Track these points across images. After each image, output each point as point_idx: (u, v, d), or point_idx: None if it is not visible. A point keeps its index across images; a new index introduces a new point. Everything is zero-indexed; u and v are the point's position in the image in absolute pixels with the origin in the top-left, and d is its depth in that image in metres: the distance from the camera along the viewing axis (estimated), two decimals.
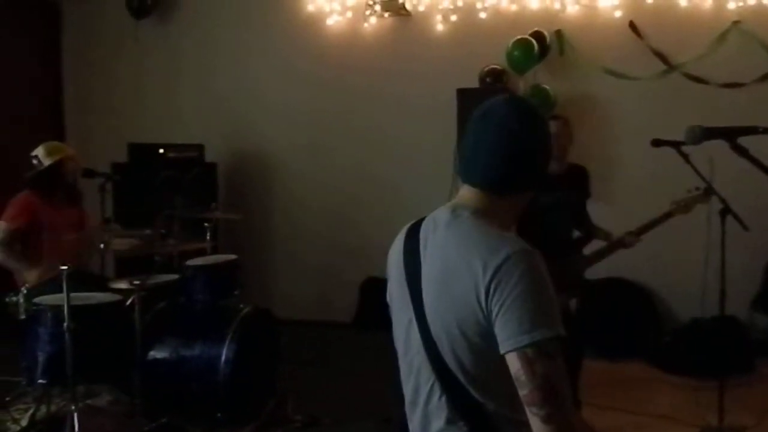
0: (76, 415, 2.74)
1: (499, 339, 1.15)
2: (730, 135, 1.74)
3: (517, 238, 1.22)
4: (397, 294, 1.37)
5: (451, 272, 1.22)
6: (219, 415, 2.99)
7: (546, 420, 1.11)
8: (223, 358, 3.01)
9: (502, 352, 1.14)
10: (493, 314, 1.15)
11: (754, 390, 3.59)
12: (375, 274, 4.95)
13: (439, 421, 1.27)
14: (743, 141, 1.77)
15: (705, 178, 2.70)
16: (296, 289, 5.11)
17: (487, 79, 4.57)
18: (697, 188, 2.84)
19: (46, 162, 3.36)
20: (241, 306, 3.28)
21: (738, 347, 3.81)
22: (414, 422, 1.35)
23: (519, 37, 4.42)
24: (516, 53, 4.42)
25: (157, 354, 3.11)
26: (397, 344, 1.41)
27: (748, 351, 3.93)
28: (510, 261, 1.15)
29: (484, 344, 1.17)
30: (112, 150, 4.83)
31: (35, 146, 3.45)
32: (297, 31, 5.02)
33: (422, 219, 1.39)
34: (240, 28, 5.14)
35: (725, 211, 2.84)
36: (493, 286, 1.15)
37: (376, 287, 4.95)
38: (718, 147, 1.84)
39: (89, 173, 3.50)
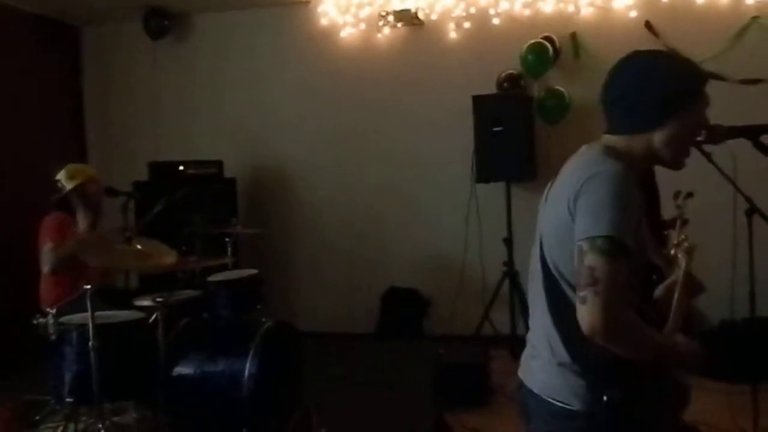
0: None
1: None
2: (752, 133, 1.70)
3: (620, 164, 1.37)
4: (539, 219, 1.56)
5: (561, 188, 1.43)
6: (244, 430, 2.99)
7: (582, 301, 1.27)
8: (247, 373, 3.02)
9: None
10: (576, 217, 1.34)
11: None
12: (396, 285, 4.95)
13: (542, 314, 1.46)
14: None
15: (728, 177, 2.64)
16: (317, 301, 5.12)
17: (505, 85, 4.56)
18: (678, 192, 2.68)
19: (69, 185, 3.42)
20: (264, 320, 3.28)
21: None
22: (529, 324, 1.59)
23: (533, 41, 4.41)
24: (530, 57, 4.41)
25: (181, 370, 3.12)
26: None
27: None
28: (598, 175, 1.34)
29: (571, 244, 1.34)
30: (133, 169, 4.91)
31: (59, 168, 3.52)
32: (311, 46, 5.06)
33: None
34: (254, 45, 5.20)
35: (751, 210, 2.77)
36: (580, 194, 1.34)
37: (397, 298, 4.95)
38: (741, 145, 1.80)
39: (111, 192, 3.55)
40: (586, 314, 1.26)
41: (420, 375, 3.71)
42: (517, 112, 4.37)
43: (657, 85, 1.42)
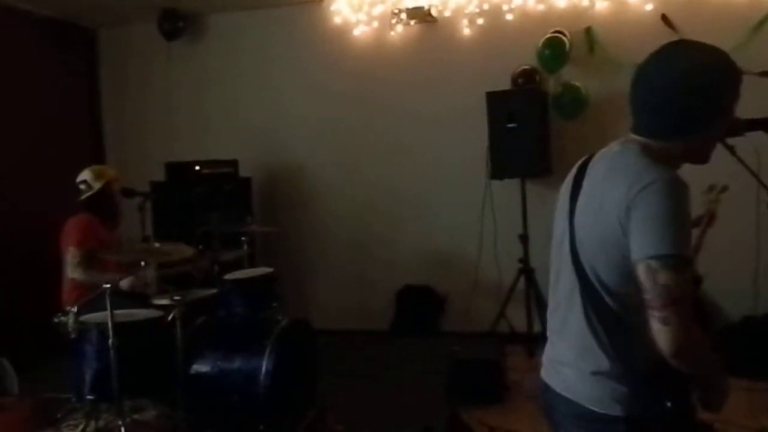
0: (123, 429, 2.81)
1: (631, 249, 1.30)
2: None
3: (668, 170, 1.33)
4: (559, 214, 1.52)
5: (601, 192, 1.38)
6: (261, 427, 3.01)
7: (663, 321, 1.26)
8: (263, 370, 3.04)
9: (632, 259, 1.30)
10: (630, 229, 1.30)
11: None
12: (411, 282, 4.95)
13: (576, 323, 1.42)
14: None
15: (752, 170, 2.60)
16: (332, 299, 5.13)
17: (520, 80, 4.53)
18: (712, 186, 2.61)
19: (96, 185, 3.48)
20: (279, 318, 3.30)
21: None
22: (552, 326, 1.54)
23: (548, 35, 4.37)
24: (547, 52, 4.37)
25: (198, 368, 3.15)
26: (551, 259, 1.56)
27: None
28: (653, 185, 1.29)
29: (620, 255, 1.32)
30: (149, 169, 4.96)
31: (78, 169, 3.57)
32: (324, 45, 5.07)
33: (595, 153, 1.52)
34: (267, 45, 5.22)
35: None
36: (634, 205, 1.29)
37: (412, 295, 4.94)
38: (764, 138, 1.77)
39: (128, 192, 3.60)
40: (670, 336, 1.25)
41: (435, 372, 3.71)
42: (532, 107, 4.34)
43: (703, 97, 1.33)
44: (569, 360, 1.45)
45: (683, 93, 1.34)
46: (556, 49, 4.36)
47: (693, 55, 1.37)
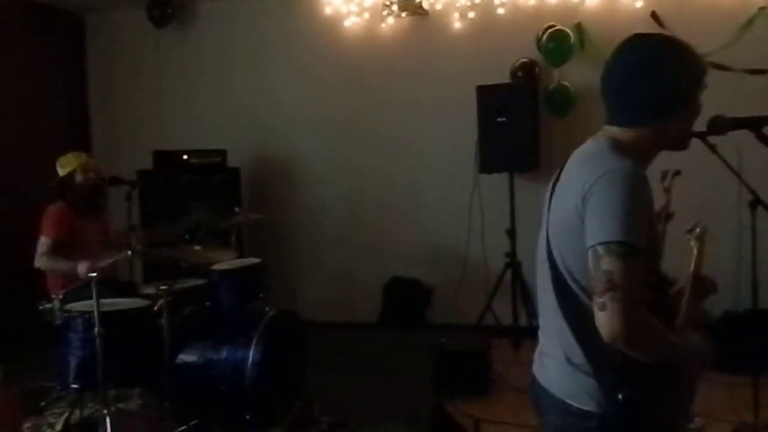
0: (108, 418, 2.79)
1: (585, 237, 1.33)
2: (755, 124, 1.70)
3: (627, 161, 1.35)
4: (543, 208, 1.54)
5: (568, 185, 1.41)
6: (247, 417, 3.02)
7: (600, 307, 1.27)
8: (250, 360, 3.04)
9: (586, 247, 1.32)
10: (586, 218, 1.33)
11: None
12: (398, 274, 4.96)
13: (553, 314, 1.43)
14: None
15: (733, 169, 2.63)
16: (320, 290, 5.14)
17: (519, 74, 4.53)
18: (665, 173, 2.63)
19: (61, 173, 3.46)
20: (267, 309, 3.30)
21: None
22: (540, 319, 1.55)
23: (555, 28, 4.37)
24: (551, 45, 4.38)
25: (185, 358, 3.15)
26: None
27: None
28: (607, 175, 1.32)
29: (581, 245, 1.33)
30: (137, 157, 4.92)
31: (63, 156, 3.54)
32: (315, 34, 5.05)
33: None
34: (258, 33, 5.19)
35: (755, 202, 2.77)
36: (590, 194, 1.32)
37: (399, 287, 4.96)
38: (746, 137, 1.79)
39: (115, 181, 3.56)
40: (606, 321, 1.26)
41: (421, 364, 3.73)
42: (522, 102, 4.35)
43: (666, 80, 1.39)
44: (550, 352, 1.48)
45: (644, 82, 1.40)
46: (560, 42, 4.37)
47: (653, 46, 1.44)
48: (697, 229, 1.48)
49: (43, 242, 3.35)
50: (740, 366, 3.13)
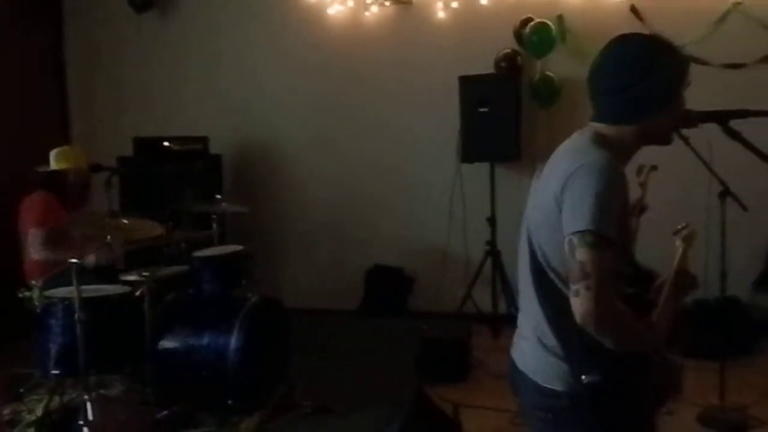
0: (89, 404, 2.79)
1: (562, 227, 1.38)
2: (722, 118, 1.76)
3: (604, 154, 1.40)
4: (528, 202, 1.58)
5: (549, 176, 1.46)
6: (229, 402, 3.05)
7: (575, 294, 1.34)
8: (232, 346, 3.07)
9: (563, 237, 1.37)
10: (563, 207, 1.38)
11: (756, 369, 3.62)
12: (381, 262, 5.01)
13: (530, 299, 1.49)
14: (740, 124, 1.79)
15: (704, 160, 2.72)
16: (303, 277, 5.16)
17: (503, 64, 4.57)
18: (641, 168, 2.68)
19: (53, 166, 3.42)
20: (249, 295, 3.33)
21: (740, 328, 3.83)
22: (519, 304, 1.60)
23: (537, 21, 4.41)
24: (535, 38, 4.41)
25: (167, 344, 3.16)
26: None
27: (750, 331, 3.95)
28: (584, 167, 1.37)
29: (558, 234, 1.39)
30: (117, 144, 4.87)
31: (42, 143, 3.49)
32: (298, 22, 5.02)
33: None
34: (242, 19, 5.14)
35: (725, 192, 2.86)
36: (567, 185, 1.38)
37: (381, 275, 5.01)
38: (717, 129, 1.86)
39: (96, 168, 3.55)
40: (578, 306, 1.33)
41: (403, 350, 3.79)
42: (504, 93, 4.39)
43: (654, 79, 1.43)
44: (527, 335, 1.54)
45: (634, 81, 1.44)
46: (542, 34, 4.40)
47: (640, 45, 1.49)
48: (685, 231, 1.52)
49: (37, 233, 3.28)
50: (708, 352, 3.23)
